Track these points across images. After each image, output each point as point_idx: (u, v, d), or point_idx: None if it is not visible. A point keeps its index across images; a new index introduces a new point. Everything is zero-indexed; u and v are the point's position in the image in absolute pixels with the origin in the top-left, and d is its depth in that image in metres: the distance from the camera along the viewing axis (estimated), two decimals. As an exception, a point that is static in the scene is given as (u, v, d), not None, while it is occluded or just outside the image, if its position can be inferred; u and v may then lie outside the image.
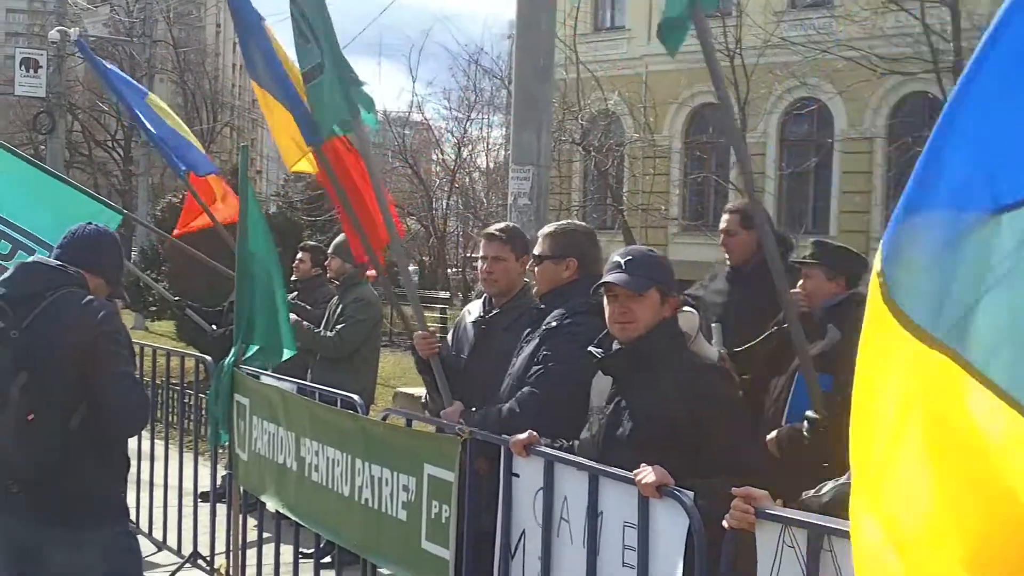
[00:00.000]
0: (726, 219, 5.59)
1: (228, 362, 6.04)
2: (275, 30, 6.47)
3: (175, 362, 8.33)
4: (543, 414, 4.25)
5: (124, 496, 4.43)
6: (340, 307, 7.75)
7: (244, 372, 6.04)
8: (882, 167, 23.94)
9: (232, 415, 6.07)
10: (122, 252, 4.70)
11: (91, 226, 4.52)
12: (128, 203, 34.65)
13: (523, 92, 8.80)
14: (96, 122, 43.08)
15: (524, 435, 4.01)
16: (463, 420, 4.51)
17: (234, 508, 6.35)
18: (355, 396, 5.44)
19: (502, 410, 4.44)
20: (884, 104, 23.73)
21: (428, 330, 5.25)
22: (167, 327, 19.64)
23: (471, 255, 27.38)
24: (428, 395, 5.52)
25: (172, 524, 7.40)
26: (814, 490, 3.38)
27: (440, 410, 4.90)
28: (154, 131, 8.35)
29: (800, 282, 4.86)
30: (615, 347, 3.89)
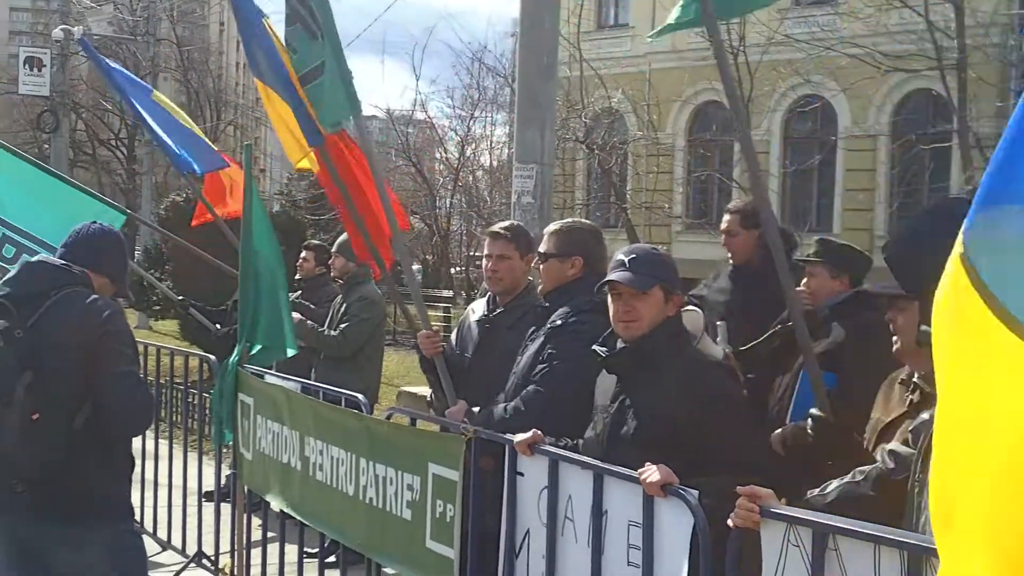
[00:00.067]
0: (727, 219, 5.61)
1: (232, 361, 6.04)
2: (276, 28, 6.47)
3: (179, 361, 8.33)
4: (548, 413, 4.24)
5: (129, 495, 4.42)
6: (344, 306, 7.75)
7: (248, 371, 6.04)
8: (886, 164, 23.87)
9: (236, 414, 6.07)
10: (127, 251, 4.69)
11: (96, 225, 4.52)
12: (132, 202, 34.75)
13: (527, 90, 8.79)
14: (100, 121, 43.10)
15: (528, 434, 4.00)
16: (467, 419, 4.50)
17: (238, 507, 6.35)
18: (359, 395, 5.44)
19: (507, 408, 4.43)
20: (888, 101, 23.67)
21: (432, 329, 5.24)
22: (171, 326, 19.63)
23: (475, 254, 27.38)
24: (433, 394, 5.52)
25: (176, 524, 7.40)
26: (819, 489, 3.38)
27: (445, 409, 4.90)
28: (159, 129, 8.32)
29: (804, 280, 4.86)
30: (619, 346, 3.89)
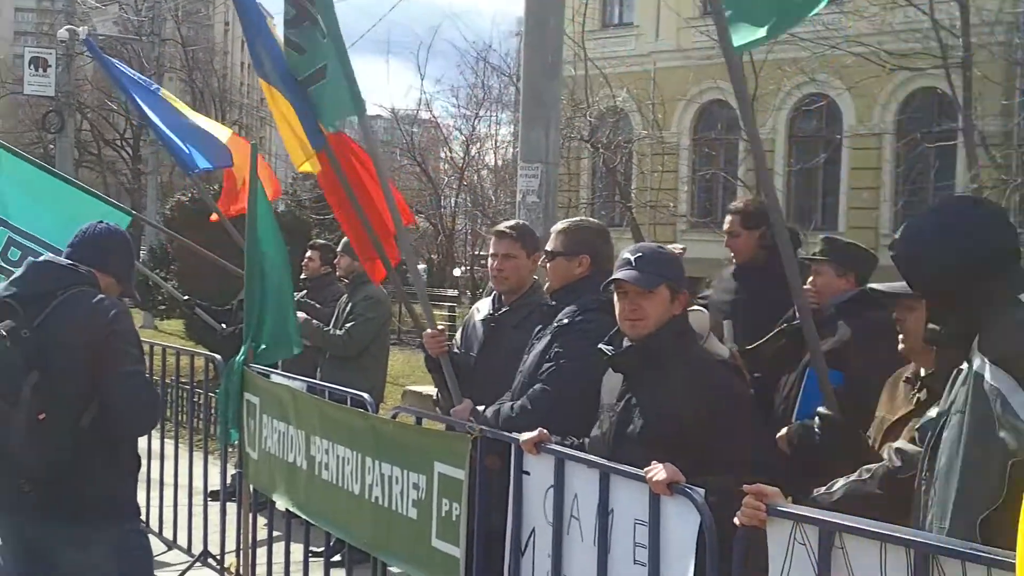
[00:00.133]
0: (728, 220, 5.62)
1: (238, 361, 6.04)
2: (279, 29, 6.47)
3: (185, 361, 8.34)
4: (555, 411, 4.24)
5: (135, 495, 4.43)
6: (350, 305, 7.75)
7: (254, 371, 6.04)
8: (891, 163, 23.83)
9: (242, 414, 6.07)
10: (133, 251, 4.70)
11: (102, 225, 4.52)
12: (137, 202, 34.78)
13: (531, 89, 8.78)
14: (105, 121, 43.18)
15: (534, 433, 4.00)
16: (473, 418, 4.50)
17: (244, 507, 6.35)
18: (365, 395, 5.44)
19: (514, 407, 4.43)
20: (893, 100, 23.62)
21: (437, 328, 5.25)
22: (176, 326, 19.67)
23: (480, 253, 27.36)
24: (438, 393, 5.52)
25: (182, 523, 7.41)
26: (825, 487, 3.38)
27: (450, 408, 4.90)
28: (165, 128, 8.30)
29: (810, 279, 4.86)
30: (625, 344, 3.89)
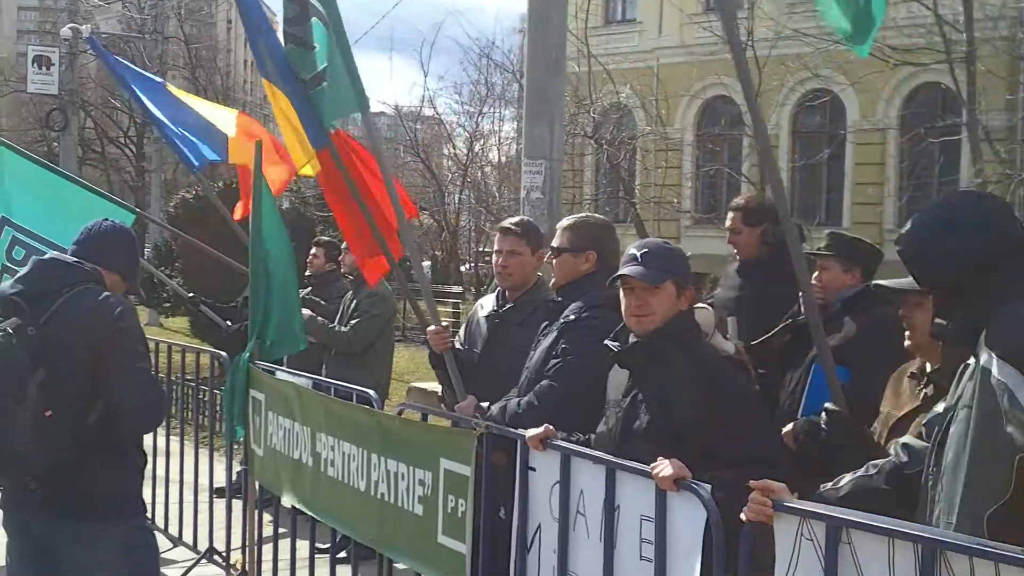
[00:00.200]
0: (730, 217, 5.63)
1: (243, 358, 6.04)
2: (280, 28, 6.46)
3: (190, 358, 8.35)
4: (561, 407, 4.23)
5: (140, 492, 4.43)
6: (354, 302, 7.76)
7: (260, 368, 6.04)
8: (895, 158, 23.79)
9: (248, 411, 6.08)
10: (138, 248, 4.70)
11: (107, 222, 4.52)
12: (141, 199, 34.79)
13: (535, 86, 8.78)
14: (109, 119, 43.15)
15: (540, 429, 4.00)
16: (480, 414, 4.50)
17: (250, 504, 6.36)
18: (371, 391, 5.44)
19: (520, 403, 4.43)
20: (896, 95, 23.59)
21: (441, 325, 5.25)
22: (181, 323, 19.66)
23: (484, 249, 27.35)
24: (443, 390, 5.52)
25: (188, 520, 7.42)
26: (832, 482, 3.37)
27: (454, 404, 4.90)
28: (170, 124, 8.27)
29: (815, 274, 4.85)
30: (631, 340, 3.89)
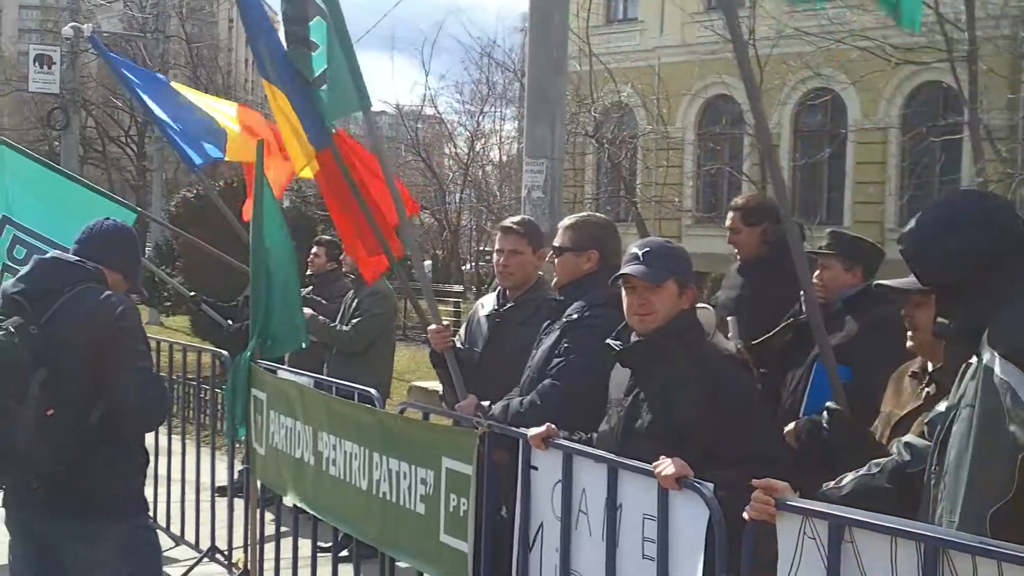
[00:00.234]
0: (729, 217, 5.63)
1: (245, 356, 6.04)
2: (280, 27, 6.45)
3: (191, 357, 8.36)
4: (564, 406, 4.23)
5: (143, 491, 4.43)
6: (356, 301, 7.76)
7: (261, 366, 6.04)
8: (896, 157, 23.79)
9: (249, 409, 6.08)
10: (140, 247, 4.70)
11: (109, 221, 4.53)
12: (142, 199, 34.77)
13: (536, 85, 8.79)
14: (110, 118, 43.12)
15: (542, 428, 3.99)
16: (482, 413, 4.50)
17: (252, 503, 6.36)
18: (372, 390, 5.44)
19: (523, 402, 4.43)
20: (898, 94, 23.58)
21: (442, 324, 5.24)
22: (182, 322, 19.67)
23: (484, 248, 27.36)
24: (444, 389, 5.52)
25: (190, 519, 7.43)
26: (834, 481, 3.37)
27: (455, 403, 4.90)
28: (170, 122, 8.25)
29: (816, 273, 4.84)
30: (633, 339, 3.89)
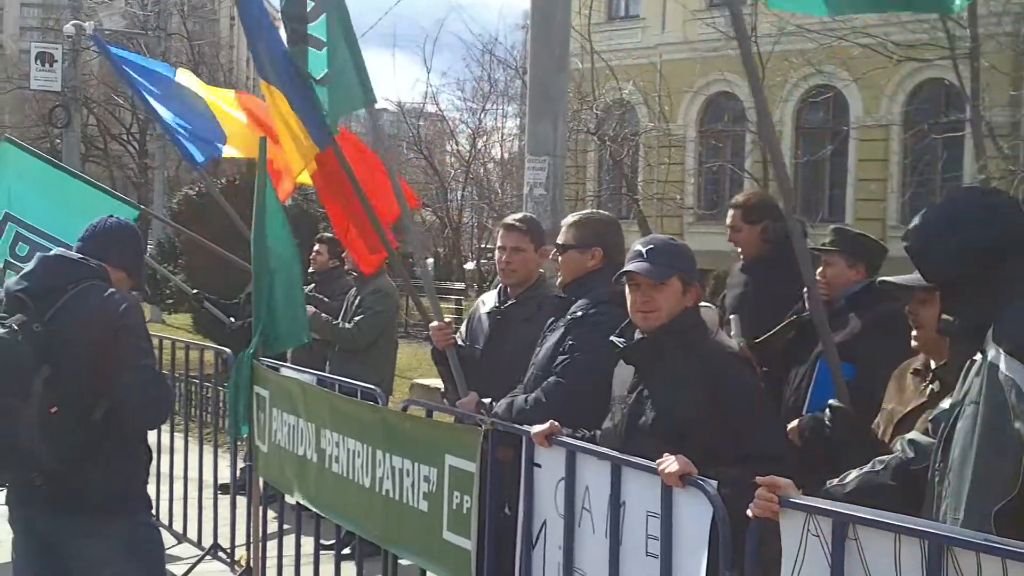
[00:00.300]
0: (730, 215, 5.60)
1: (247, 354, 6.04)
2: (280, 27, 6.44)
3: (193, 355, 8.35)
4: (569, 404, 4.23)
5: (146, 488, 4.43)
6: (358, 298, 7.77)
7: (263, 364, 6.04)
8: (898, 154, 23.76)
9: (252, 407, 6.08)
10: (142, 245, 4.70)
11: (112, 219, 4.53)
12: (144, 196, 34.80)
13: (538, 82, 8.78)
14: (111, 115, 43.15)
15: (545, 425, 3.99)
16: (486, 411, 4.50)
17: (254, 500, 6.36)
18: (375, 387, 5.44)
19: (528, 400, 4.43)
20: (900, 91, 23.55)
21: (444, 321, 5.24)
22: (183, 320, 19.67)
23: (486, 246, 27.38)
24: (445, 386, 5.52)
25: (192, 516, 7.43)
26: (838, 479, 3.37)
27: (456, 400, 4.90)
28: (171, 120, 8.22)
29: (819, 270, 4.84)
30: (637, 336, 3.88)
